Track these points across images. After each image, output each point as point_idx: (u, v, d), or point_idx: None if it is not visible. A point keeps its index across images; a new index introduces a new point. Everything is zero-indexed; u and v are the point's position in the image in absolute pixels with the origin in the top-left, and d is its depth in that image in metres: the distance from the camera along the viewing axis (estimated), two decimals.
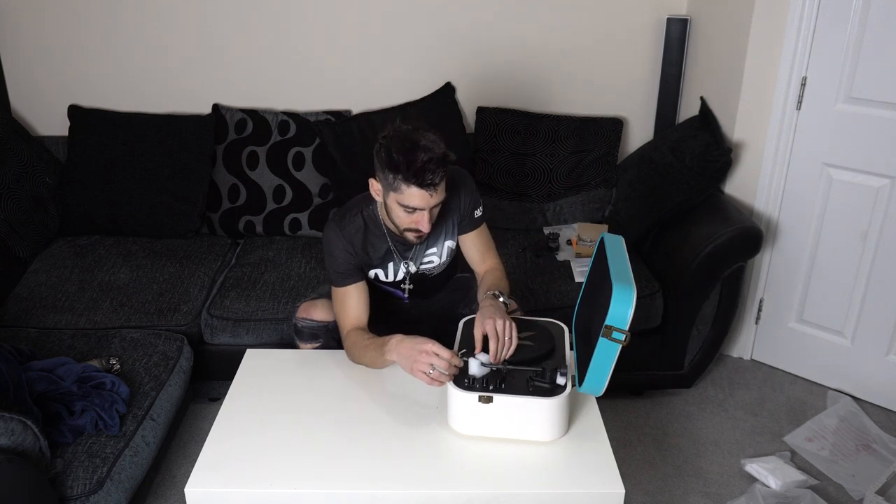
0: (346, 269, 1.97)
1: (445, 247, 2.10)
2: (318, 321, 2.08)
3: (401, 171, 1.76)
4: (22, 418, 1.68)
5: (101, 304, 2.49)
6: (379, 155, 1.81)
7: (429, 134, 1.81)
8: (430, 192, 1.79)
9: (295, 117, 2.99)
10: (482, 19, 3.04)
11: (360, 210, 2.01)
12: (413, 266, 2.08)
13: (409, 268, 2.08)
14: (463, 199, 2.03)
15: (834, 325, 2.74)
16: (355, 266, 1.99)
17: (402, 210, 1.84)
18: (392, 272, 2.08)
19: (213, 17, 3.01)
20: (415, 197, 1.79)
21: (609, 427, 1.78)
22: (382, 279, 2.10)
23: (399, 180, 1.77)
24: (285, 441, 1.68)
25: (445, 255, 2.12)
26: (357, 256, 1.99)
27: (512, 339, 1.75)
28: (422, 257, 2.08)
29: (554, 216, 3.02)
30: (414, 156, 1.75)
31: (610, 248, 1.80)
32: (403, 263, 2.07)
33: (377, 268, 2.06)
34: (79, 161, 2.93)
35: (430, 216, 1.85)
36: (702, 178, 2.62)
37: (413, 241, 1.95)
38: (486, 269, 2.08)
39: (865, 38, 2.42)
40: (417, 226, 1.86)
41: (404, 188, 1.78)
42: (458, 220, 2.06)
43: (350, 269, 1.98)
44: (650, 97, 3.15)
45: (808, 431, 2.54)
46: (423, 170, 1.75)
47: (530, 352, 1.78)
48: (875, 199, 2.54)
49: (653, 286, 2.55)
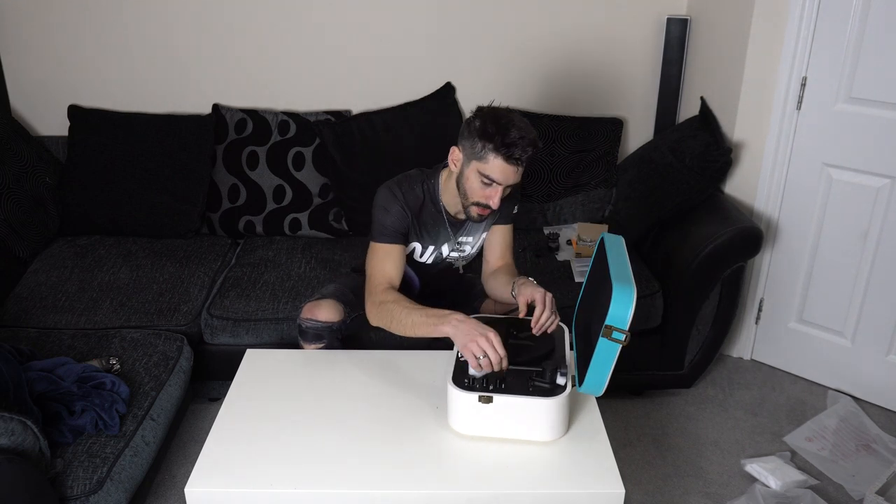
0: (397, 229, 2.03)
1: (482, 237, 2.18)
2: (323, 322, 2.08)
3: (493, 140, 1.84)
4: (22, 418, 1.68)
5: (101, 304, 2.49)
6: (471, 124, 1.89)
7: (521, 116, 1.90)
8: (515, 166, 1.86)
9: (295, 117, 2.99)
10: (482, 19, 3.04)
11: (422, 182, 2.07)
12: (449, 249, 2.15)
13: (448, 248, 2.15)
14: (511, 200, 2.11)
15: (834, 325, 2.74)
16: (405, 230, 2.04)
17: (480, 181, 1.90)
18: (430, 252, 2.14)
19: (213, 17, 3.01)
20: (497, 169, 1.87)
21: (609, 427, 1.78)
22: (416, 257, 2.15)
23: (488, 150, 1.85)
24: (285, 441, 1.68)
25: (477, 248, 2.21)
26: (409, 223, 2.04)
27: (556, 313, 1.82)
28: (463, 238, 2.15)
29: (554, 216, 3.02)
30: (508, 130, 1.84)
31: (610, 248, 1.80)
32: (448, 244, 2.13)
33: (420, 242, 2.11)
34: (79, 161, 2.93)
35: (500, 194, 1.91)
36: (702, 178, 2.62)
37: (474, 218, 2.00)
38: (503, 265, 2.15)
39: (865, 38, 2.42)
40: (488, 200, 1.92)
41: (491, 158, 1.86)
42: (498, 215, 2.14)
43: (400, 229, 2.03)
44: (650, 97, 3.15)
45: (808, 431, 2.54)
46: (513, 144, 1.83)
47: (530, 352, 1.78)
48: (875, 199, 2.54)
49: (653, 286, 2.55)
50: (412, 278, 2.21)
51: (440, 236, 2.12)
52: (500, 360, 1.69)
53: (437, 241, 2.12)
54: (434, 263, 2.18)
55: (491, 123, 1.85)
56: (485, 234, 2.17)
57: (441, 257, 2.17)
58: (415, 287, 2.23)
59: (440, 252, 2.15)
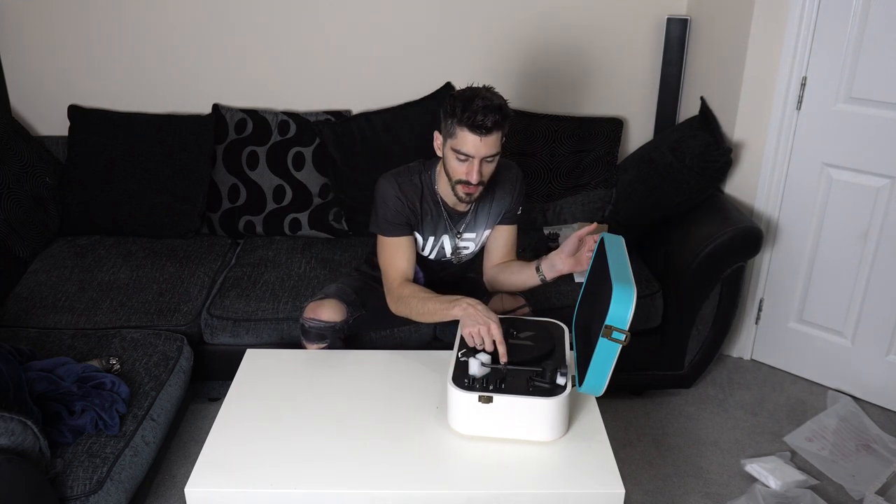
0: (400, 220, 2.05)
1: (483, 235, 2.18)
2: (326, 321, 2.08)
3: (456, 114, 1.87)
4: (22, 418, 1.68)
5: (101, 304, 2.49)
6: (444, 106, 1.93)
7: (493, 90, 1.93)
8: (481, 135, 1.86)
9: (295, 117, 2.99)
10: (482, 19, 3.04)
11: (419, 173, 2.09)
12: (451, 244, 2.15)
13: (449, 242, 2.15)
14: (516, 196, 2.13)
15: (834, 325, 2.74)
16: (407, 220, 2.06)
17: (456, 158, 1.92)
18: (431, 245, 2.14)
19: (213, 18, 3.01)
20: (467, 141, 1.88)
21: (609, 427, 1.78)
22: (419, 251, 2.15)
23: (455, 125, 1.88)
24: (285, 441, 1.68)
25: (480, 245, 2.21)
26: (409, 213, 2.06)
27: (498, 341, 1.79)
28: (464, 234, 2.15)
29: (554, 216, 3.02)
30: (471, 102, 1.86)
31: (610, 248, 1.80)
32: (448, 236, 2.13)
33: (421, 234, 2.12)
34: (79, 161, 2.93)
35: (478, 167, 1.91)
36: (702, 178, 2.62)
37: (462, 199, 2.00)
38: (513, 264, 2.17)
39: (865, 38, 2.42)
40: (468, 176, 1.93)
41: (458, 132, 1.88)
42: (500, 214, 2.14)
43: (403, 220, 2.05)
44: (650, 97, 3.15)
45: (808, 431, 2.54)
46: (475, 112, 1.84)
47: (530, 352, 1.78)
48: (875, 199, 2.54)
49: (653, 286, 2.55)
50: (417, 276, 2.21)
51: (439, 227, 2.12)
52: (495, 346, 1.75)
53: (436, 233, 2.12)
54: (437, 260, 2.18)
55: (458, 101, 1.89)
56: (487, 231, 2.17)
57: (444, 252, 2.16)
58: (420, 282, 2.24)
59: (442, 246, 2.15)
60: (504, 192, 2.12)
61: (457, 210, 2.09)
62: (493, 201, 2.12)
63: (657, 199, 2.71)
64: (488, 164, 1.93)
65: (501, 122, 1.88)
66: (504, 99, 1.91)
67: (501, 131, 1.90)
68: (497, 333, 1.75)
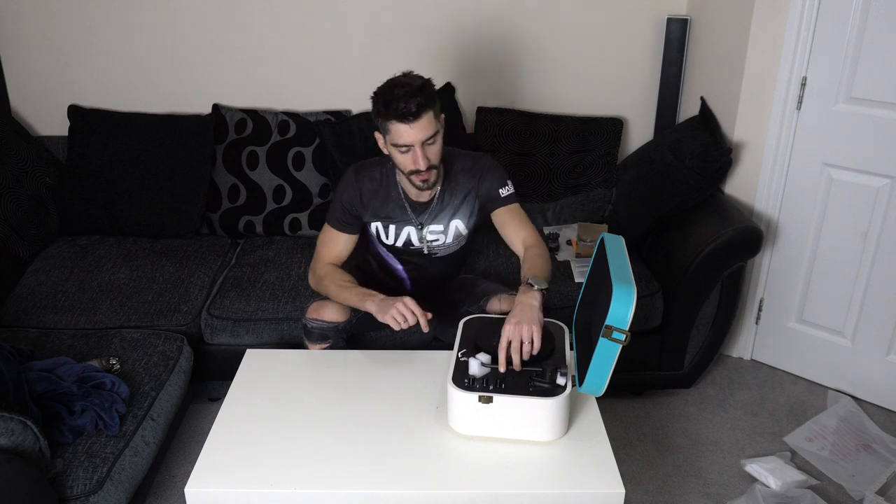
0: (346, 217, 2.10)
1: (453, 226, 2.15)
2: (329, 322, 2.08)
3: (381, 110, 1.87)
4: (22, 418, 1.68)
5: (101, 304, 2.49)
6: (372, 108, 1.93)
7: (412, 73, 1.92)
8: (410, 123, 1.86)
9: (295, 117, 2.99)
10: (482, 19, 3.04)
11: (383, 165, 2.10)
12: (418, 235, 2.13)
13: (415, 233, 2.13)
14: (481, 181, 2.09)
15: (834, 325, 2.74)
16: (355, 218, 2.11)
17: (398, 152, 1.93)
18: (394, 233, 2.14)
19: (213, 18, 3.01)
20: (401, 132, 1.88)
21: (609, 427, 1.78)
22: (384, 239, 2.16)
23: (384, 120, 1.89)
24: (285, 441, 1.68)
25: (452, 237, 2.17)
26: (366, 208, 2.09)
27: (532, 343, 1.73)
28: (429, 226, 2.13)
29: (554, 216, 3.02)
30: (391, 93, 1.86)
31: (610, 248, 1.80)
32: (412, 227, 2.13)
33: (382, 224, 2.13)
34: (79, 161, 2.93)
35: (422, 153, 1.91)
36: (702, 178, 2.62)
37: (420, 187, 2.00)
38: (525, 247, 2.07)
39: (865, 38, 2.42)
40: (416, 165, 1.93)
41: (390, 126, 1.89)
42: (473, 203, 2.11)
43: (350, 218, 2.11)
44: (650, 97, 3.15)
45: (808, 431, 2.54)
46: (397, 101, 1.83)
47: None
48: (875, 199, 2.54)
49: (653, 286, 2.55)
50: (401, 275, 2.22)
51: (400, 218, 2.12)
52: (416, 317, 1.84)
53: (400, 223, 2.13)
54: (412, 252, 2.17)
55: (379, 96, 1.89)
56: (457, 221, 2.14)
57: (411, 242, 2.16)
58: (406, 285, 2.24)
59: (408, 237, 2.15)
60: (468, 178, 2.09)
61: (419, 201, 2.09)
62: (456, 190, 2.10)
63: (657, 199, 2.71)
64: (431, 147, 1.92)
65: (426, 102, 1.86)
66: (425, 78, 1.90)
67: (431, 110, 1.88)
68: (412, 304, 1.85)
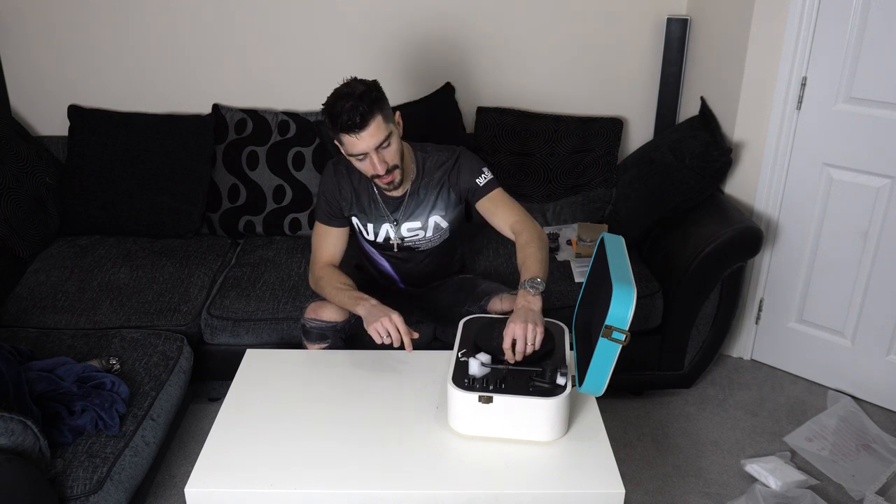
0: (331, 211, 2.12)
1: (432, 221, 2.15)
2: (327, 321, 2.08)
3: (329, 125, 1.89)
4: (22, 418, 1.68)
5: (101, 304, 2.49)
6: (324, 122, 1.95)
7: (355, 80, 1.92)
8: (357, 134, 1.86)
9: (295, 117, 2.99)
10: (482, 19, 3.04)
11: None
12: (395, 232, 2.14)
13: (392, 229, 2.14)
14: (455, 175, 2.09)
15: (834, 325, 2.74)
16: (340, 211, 2.12)
17: (356, 160, 1.94)
18: (373, 230, 2.16)
19: (213, 18, 3.01)
20: (352, 143, 1.89)
21: (609, 427, 1.78)
22: (366, 235, 2.18)
23: (336, 134, 1.90)
24: (285, 441, 1.68)
25: (432, 231, 2.17)
26: (345, 202, 2.11)
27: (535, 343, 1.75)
28: (405, 222, 2.13)
29: (554, 216, 3.02)
30: (335, 106, 1.87)
31: (610, 248, 1.80)
32: (388, 224, 2.14)
33: (361, 219, 2.14)
34: (79, 161, 2.93)
35: (378, 157, 1.91)
36: (702, 178, 2.62)
37: (386, 190, 2.03)
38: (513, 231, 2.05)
39: (865, 38, 2.42)
40: (375, 170, 1.93)
41: (342, 138, 1.90)
42: (449, 197, 2.11)
43: (335, 211, 2.12)
44: (650, 97, 3.15)
45: (808, 431, 2.54)
46: (341, 114, 1.85)
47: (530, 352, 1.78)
48: (875, 199, 2.54)
49: (653, 286, 2.55)
50: (390, 273, 2.22)
51: (376, 214, 2.14)
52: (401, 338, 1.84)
53: (374, 219, 2.14)
54: (388, 244, 2.18)
55: (326, 112, 1.90)
56: (435, 217, 2.14)
57: (389, 238, 2.17)
58: (398, 283, 2.24)
59: (386, 233, 2.16)
60: (441, 172, 2.10)
61: (392, 196, 2.09)
62: (431, 185, 2.10)
63: (657, 199, 2.71)
64: (386, 150, 1.93)
65: (370, 109, 1.85)
66: (367, 83, 1.89)
67: (379, 114, 1.88)
68: (399, 322, 1.84)
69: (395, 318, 1.86)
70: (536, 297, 1.85)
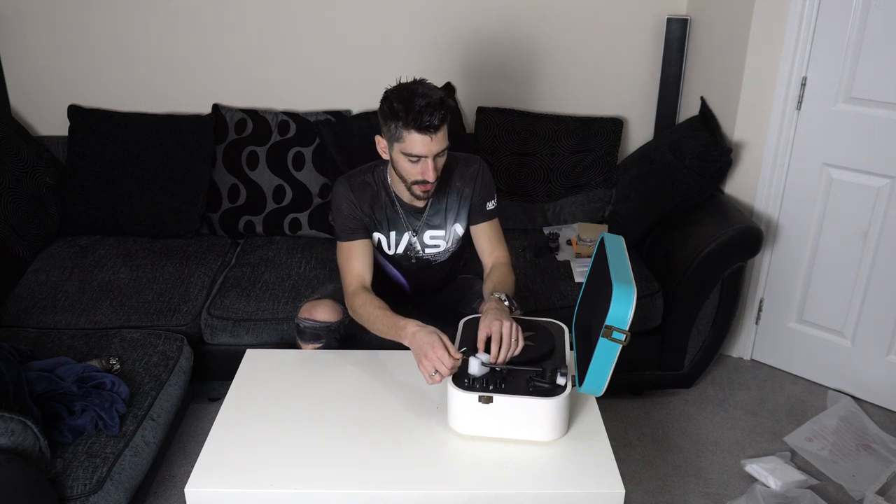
0: (352, 225, 2.03)
1: (453, 231, 2.13)
2: (321, 322, 2.07)
3: (400, 117, 1.83)
4: (22, 418, 1.68)
5: (101, 304, 2.49)
6: (382, 109, 1.88)
7: (427, 82, 1.89)
8: (430, 135, 1.84)
9: (295, 117, 2.99)
10: (482, 19, 3.04)
11: (371, 171, 2.07)
12: (417, 240, 2.11)
13: (413, 239, 2.11)
14: (477, 189, 2.08)
15: (834, 325, 2.74)
16: (361, 223, 2.04)
17: (407, 160, 1.89)
18: (395, 241, 2.11)
19: (213, 18, 3.01)
20: (416, 143, 1.85)
21: (609, 427, 1.78)
22: (385, 249, 2.12)
23: (400, 128, 1.84)
24: (285, 441, 1.68)
25: (452, 241, 2.15)
26: (364, 215, 2.04)
27: (518, 340, 1.74)
28: (426, 232, 2.10)
29: (554, 216, 3.02)
30: (412, 102, 1.82)
31: (610, 248, 1.80)
32: (409, 233, 2.10)
33: (382, 233, 2.09)
34: (79, 161, 2.93)
35: (434, 165, 1.89)
36: (702, 178, 2.62)
37: (420, 196, 1.98)
38: (493, 262, 2.10)
39: (865, 38, 2.42)
40: (424, 176, 1.90)
41: (405, 135, 1.84)
42: (468, 207, 2.10)
43: (356, 224, 2.04)
44: (650, 97, 3.15)
45: (808, 431, 2.54)
46: (420, 113, 1.81)
47: (530, 352, 1.78)
48: (875, 199, 2.54)
49: (653, 286, 2.55)
50: (401, 282, 2.20)
51: (397, 225, 2.09)
52: (451, 370, 1.67)
53: (396, 230, 2.09)
54: (406, 256, 2.14)
55: (396, 101, 1.83)
56: (456, 225, 2.12)
57: (412, 249, 2.13)
58: (406, 290, 2.22)
59: (408, 243, 2.12)
60: (465, 183, 2.07)
61: (414, 206, 2.06)
62: (453, 194, 2.08)
63: (657, 199, 2.71)
64: (441, 159, 1.92)
65: (446, 115, 1.85)
66: (441, 90, 1.88)
67: (447, 124, 1.88)
68: (442, 353, 1.68)
69: (438, 351, 1.69)
70: (505, 304, 1.87)
